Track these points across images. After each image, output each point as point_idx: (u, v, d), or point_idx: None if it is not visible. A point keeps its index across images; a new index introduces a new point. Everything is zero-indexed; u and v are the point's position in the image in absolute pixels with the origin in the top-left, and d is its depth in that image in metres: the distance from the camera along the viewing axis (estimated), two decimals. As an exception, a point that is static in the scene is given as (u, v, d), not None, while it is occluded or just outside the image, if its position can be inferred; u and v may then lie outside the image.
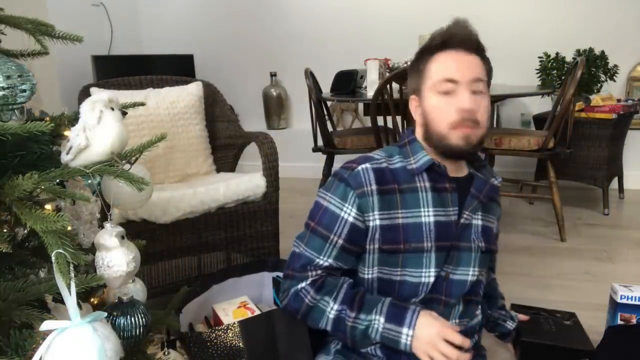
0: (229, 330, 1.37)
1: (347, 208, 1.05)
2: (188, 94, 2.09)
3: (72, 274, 0.69)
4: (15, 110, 0.81)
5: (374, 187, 1.04)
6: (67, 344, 0.69)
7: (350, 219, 1.04)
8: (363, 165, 1.06)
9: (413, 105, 1.10)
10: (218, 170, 2.17)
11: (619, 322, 1.54)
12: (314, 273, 1.06)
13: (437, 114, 1.02)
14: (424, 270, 1.04)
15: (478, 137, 1.02)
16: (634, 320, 1.53)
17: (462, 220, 1.06)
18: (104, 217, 0.93)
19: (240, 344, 1.35)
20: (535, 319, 1.57)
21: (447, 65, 1.01)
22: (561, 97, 2.46)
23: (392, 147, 1.13)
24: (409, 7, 3.61)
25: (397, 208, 1.04)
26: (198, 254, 1.79)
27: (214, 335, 1.34)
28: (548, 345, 1.45)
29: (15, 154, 0.81)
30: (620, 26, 3.26)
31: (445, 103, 1.01)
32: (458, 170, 1.09)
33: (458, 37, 1.02)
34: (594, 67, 2.99)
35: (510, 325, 1.33)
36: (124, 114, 0.91)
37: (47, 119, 0.90)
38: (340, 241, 1.05)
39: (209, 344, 1.34)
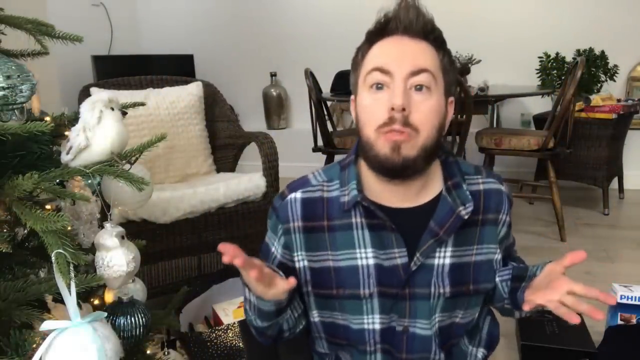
0: (229, 330, 1.37)
1: (276, 244, 0.90)
2: (188, 94, 2.09)
3: (72, 274, 0.69)
4: (15, 110, 0.82)
5: (299, 223, 0.87)
6: (67, 344, 0.69)
7: (279, 257, 0.90)
8: (292, 195, 0.88)
9: (352, 108, 0.88)
10: (218, 170, 2.17)
11: (619, 322, 1.54)
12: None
13: (365, 114, 0.80)
14: (365, 317, 0.87)
15: (415, 148, 0.77)
16: (634, 320, 1.53)
17: (412, 265, 0.84)
18: (104, 217, 0.93)
19: (240, 344, 1.35)
20: (539, 321, 1.57)
21: (381, 52, 0.80)
22: (561, 97, 2.46)
23: (335, 167, 0.91)
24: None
25: (326, 249, 0.86)
26: (198, 254, 1.79)
27: (214, 335, 1.34)
28: (548, 347, 1.46)
29: (15, 154, 0.81)
30: (620, 26, 3.26)
31: (374, 100, 0.79)
32: (412, 195, 0.85)
33: (399, 20, 0.80)
34: (594, 67, 2.99)
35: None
36: (124, 114, 0.91)
37: (47, 119, 0.90)
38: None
39: (209, 343, 1.34)
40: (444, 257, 0.86)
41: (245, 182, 1.81)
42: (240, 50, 4.02)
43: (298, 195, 0.88)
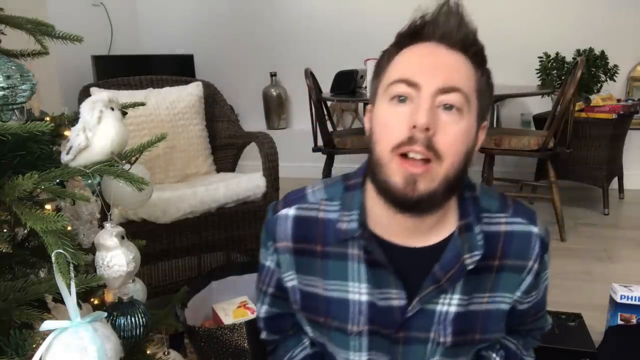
0: (234, 331, 1.37)
1: (269, 258, 0.84)
2: (188, 94, 2.09)
3: (72, 274, 0.69)
4: (15, 110, 0.81)
5: (289, 244, 0.79)
6: (67, 344, 0.69)
7: (275, 272, 0.85)
8: (284, 211, 0.80)
9: (367, 118, 0.76)
10: (218, 170, 2.17)
11: (619, 322, 1.54)
12: (263, 331, 0.95)
13: (382, 129, 0.68)
14: (352, 353, 0.81)
15: (435, 180, 0.66)
16: (634, 320, 1.53)
17: (409, 310, 0.75)
18: (104, 217, 0.93)
19: (245, 344, 1.35)
20: None
21: (410, 61, 0.69)
22: (561, 97, 2.46)
23: (338, 185, 0.81)
24: (409, 7, 3.60)
25: (317, 275, 0.79)
26: (198, 254, 1.79)
27: (219, 332, 1.34)
28: (548, 347, 1.46)
29: (15, 154, 0.81)
30: (620, 26, 3.26)
31: (395, 114, 0.67)
32: (423, 231, 0.74)
33: (438, 26, 0.69)
34: (594, 67, 2.99)
35: None
36: (124, 114, 0.91)
37: (47, 119, 0.90)
38: (271, 289, 0.88)
39: (215, 340, 1.34)
40: (448, 305, 0.76)
41: (245, 182, 1.81)
42: (240, 50, 4.02)
43: (291, 212, 0.80)
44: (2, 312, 0.73)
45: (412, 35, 0.70)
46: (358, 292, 0.77)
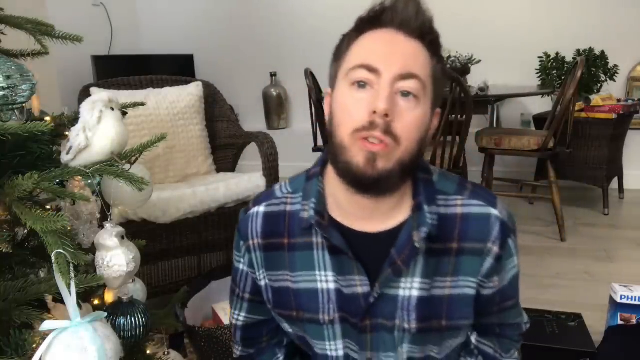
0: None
1: (242, 260, 0.86)
2: (188, 94, 2.09)
3: (72, 274, 0.69)
4: (15, 110, 0.81)
5: (258, 240, 0.82)
6: (67, 344, 0.69)
7: (249, 273, 0.86)
8: (254, 209, 0.83)
9: (326, 103, 0.77)
10: (218, 170, 2.17)
11: (619, 322, 1.54)
12: (237, 344, 0.94)
13: (342, 114, 0.70)
14: (327, 343, 0.82)
15: (391, 161, 0.68)
16: (634, 320, 1.53)
17: (373, 295, 0.76)
18: (104, 217, 0.93)
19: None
20: (539, 321, 1.57)
21: (370, 47, 0.70)
22: (561, 97, 2.46)
23: (301, 177, 0.83)
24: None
25: (285, 269, 0.80)
26: (198, 254, 1.79)
27: (219, 332, 1.35)
28: (548, 347, 1.46)
29: (15, 154, 0.81)
30: (620, 26, 3.26)
31: (355, 100, 0.69)
32: (380, 215, 0.76)
33: (397, 12, 0.70)
34: (594, 67, 2.99)
35: None
36: (124, 114, 0.91)
37: (47, 119, 0.90)
38: (247, 295, 0.89)
39: (215, 340, 1.34)
40: (410, 289, 0.76)
41: (245, 182, 1.81)
42: (240, 50, 4.02)
43: (261, 209, 0.82)
44: (2, 312, 0.73)
45: (371, 20, 0.72)
46: (325, 280, 0.78)
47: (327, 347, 0.82)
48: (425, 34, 0.71)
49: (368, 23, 0.72)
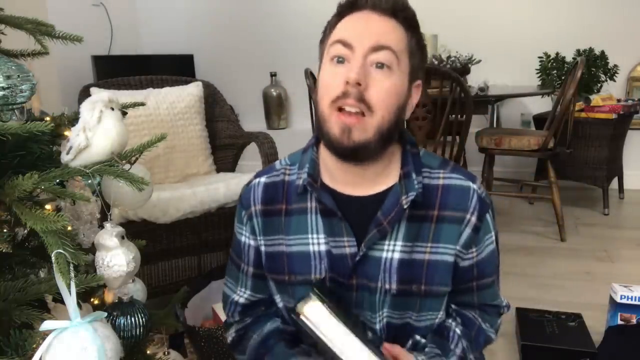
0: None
1: (245, 231, 0.91)
2: (188, 94, 2.09)
3: (72, 274, 0.69)
4: (15, 110, 0.81)
5: (259, 207, 0.88)
6: (67, 344, 0.69)
7: (253, 244, 0.91)
8: (256, 180, 0.91)
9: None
10: (218, 170, 2.17)
11: (619, 322, 1.54)
12: (233, 320, 0.96)
13: (323, 87, 0.78)
14: None
15: (368, 131, 0.75)
16: (634, 320, 1.53)
17: (358, 255, 0.82)
18: (104, 217, 0.92)
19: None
20: (539, 321, 1.57)
21: (346, 26, 0.78)
22: (561, 97, 2.46)
23: (299, 151, 0.92)
24: (409, 7, 3.60)
25: (280, 233, 0.87)
26: (198, 254, 1.79)
27: (219, 332, 1.35)
28: (548, 347, 1.46)
29: (15, 154, 0.81)
30: (620, 26, 3.26)
31: (333, 73, 0.76)
32: (367, 181, 0.83)
33: None
34: (594, 67, 2.99)
35: None
36: (124, 114, 0.91)
37: (47, 119, 0.90)
38: (251, 269, 0.93)
39: (215, 340, 1.34)
40: (392, 251, 0.82)
41: (245, 182, 1.81)
42: (240, 50, 4.02)
43: (262, 179, 0.90)
44: (2, 312, 0.73)
45: (348, 5, 0.79)
46: (317, 242, 0.84)
47: None
48: (398, 11, 0.78)
49: (346, 7, 0.80)
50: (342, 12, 0.80)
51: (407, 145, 0.85)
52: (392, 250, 0.82)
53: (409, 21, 0.79)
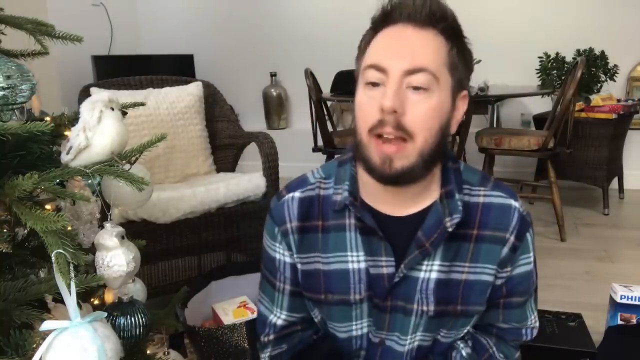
0: (234, 331, 1.37)
1: (279, 248, 0.87)
2: (188, 94, 2.09)
3: (72, 274, 0.69)
4: (15, 110, 0.81)
5: (295, 223, 0.84)
6: (67, 344, 0.69)
7: (288, 259, 0.86)
8: (289, 195, 0.85)
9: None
10: (218, 170, 2.17)
11: (619, 322, 1.54)
12: (268, 340, 0.92)
13: (359, 113, 0.75)
14: (354, 323, 0.85)
15: (410, 157, 0.72)
16: (634, 320, 1.53)
17: (397, 276, 0.79)
18: (104, 217, 0.92)
19: (245, 344, 1.35)
20: (539, 321, 1.57)
21: (380, 45, 0.73)
22: (561, 97, 2.46)
23: (333, 163, 0.87)
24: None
25: (317, 251, 0.83)
26: (198, 254, 1.79)
27: (219, 332, 1.34)
28: (548, 347, 1.46)
29: (15, 154, 0.81)
30: (620, 26, 3.26)
31: (368, 98, 0.73)
32: (408, 201, 0.80)
33: (403, 7, 0.72)
34: (594, 67, 2.99)
35: None
36: (124, 114, 0.91)
37: (47, 119, 0.90)
38: (288, 287, 0.88)
39: (215, 340, 1.34)
40: (430, 271, 0.79)
41: (245, 182, 1.81)
42: (240, 50, 4.02)
43: (296, 194, 0.85)
44: (2, 312, 0.73)
45: (383, 18, 0.74)
46: (357, 260, 0.81)
47: (352, 328, 0.85)
48: (436, 21, 0.72)
49: (380, 21, 0.75)
50: (376, 26, 0.75)
51: (448, 162, 0.81)
52: (430, 271, 0.80)
53: (449, 30, 0.73)
